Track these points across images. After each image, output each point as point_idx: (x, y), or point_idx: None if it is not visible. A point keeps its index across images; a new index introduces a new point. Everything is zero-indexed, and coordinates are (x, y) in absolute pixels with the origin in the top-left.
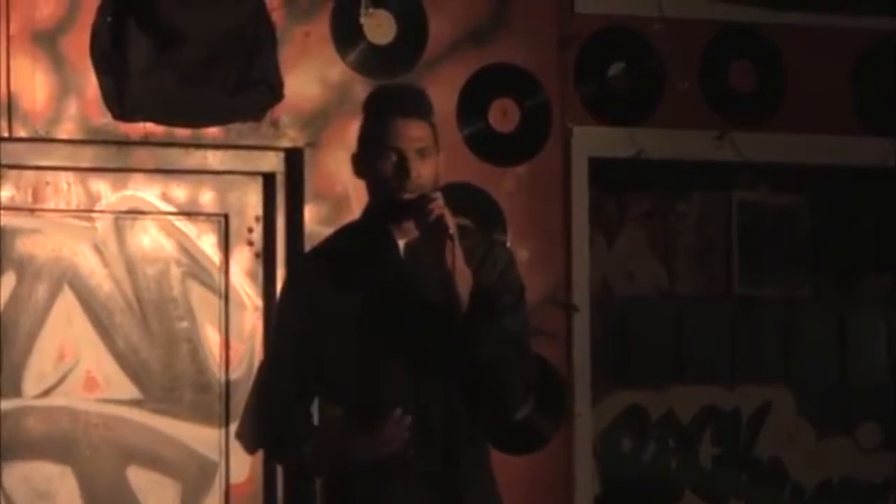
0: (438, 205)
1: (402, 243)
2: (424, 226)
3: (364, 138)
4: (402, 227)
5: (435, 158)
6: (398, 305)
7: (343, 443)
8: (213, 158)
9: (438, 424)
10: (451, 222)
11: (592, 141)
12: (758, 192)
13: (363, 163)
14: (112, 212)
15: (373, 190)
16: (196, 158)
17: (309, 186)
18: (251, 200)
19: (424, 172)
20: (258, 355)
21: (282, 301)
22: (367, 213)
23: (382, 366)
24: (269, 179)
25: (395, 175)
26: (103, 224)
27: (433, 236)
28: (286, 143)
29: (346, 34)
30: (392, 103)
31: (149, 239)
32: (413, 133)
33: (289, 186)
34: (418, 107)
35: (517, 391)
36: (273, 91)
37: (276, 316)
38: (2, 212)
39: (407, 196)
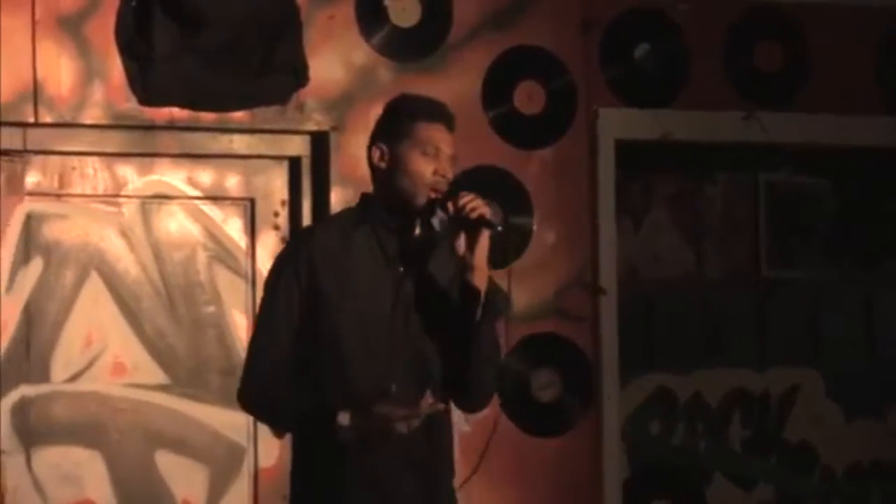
0: (483, 202)
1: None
2: (466, 220)
3: (396, 133)
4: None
5: (453, 169)
6: (413, 289)
7: (386, 417)
8: (239, 143)
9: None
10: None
11: (618, 123)
12: (784, 174)
13: (393, 155)
14: (138, 197)
15: (399, 182)
16: (222, 143)
17: (335, 170)
18: (277, 184)
19: (450, 178)
20: None
21: (280, 275)
22: (373, 203)
23: (389, 342)
24: (294, 163)
25: (434, 174)
26: (130, 209)
27: (470, 231)
28: (311, 127)
29: (370, 17)
30: (433, 109)
31: (175, 223)
32: (449, 139)
33: (314, 170)
34: (452, 120)
35: (492, 389)
36: (298, 75)
37: (272, 292)
38: (28, 197)
39: (437, 193)
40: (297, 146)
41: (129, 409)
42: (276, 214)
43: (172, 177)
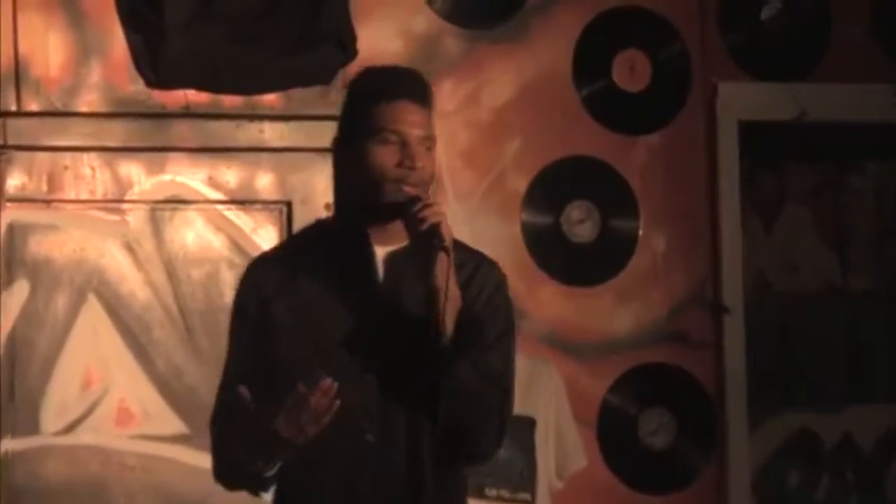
0: (436, 210)
1: (382, 252)
2: (415, 233)
3: (353, 122)
4: (387, 231)
5: (434, 153)
6: (372, 322)
7: (269, 427)
8: (271, 133)
9: (402, 450)
10: (448, 234)
11: (743, 100)
12: None
13: (352, 150)
14: (147, 201)
15: (361, 182)
16: (250, 133)
17: None
18: (319, 184)
19: (427, 165)
20: None
21: (235, 317)
22: (343, 211)
23: (349, 385)
24: None
25: (398, 164)
26: (136, 217)
27: (423, 246)
28: None
29: None
30: (394, 84)
31: (193, 234)
32: (418, 119)
33: None
34: (423, 91)
35: (492, 433)
36: (344, 47)
37: (230, 334)
38: (10, 204)
39: (403, 193)
40: None
41: (139, 466)
42: None
43: (189, 176)
